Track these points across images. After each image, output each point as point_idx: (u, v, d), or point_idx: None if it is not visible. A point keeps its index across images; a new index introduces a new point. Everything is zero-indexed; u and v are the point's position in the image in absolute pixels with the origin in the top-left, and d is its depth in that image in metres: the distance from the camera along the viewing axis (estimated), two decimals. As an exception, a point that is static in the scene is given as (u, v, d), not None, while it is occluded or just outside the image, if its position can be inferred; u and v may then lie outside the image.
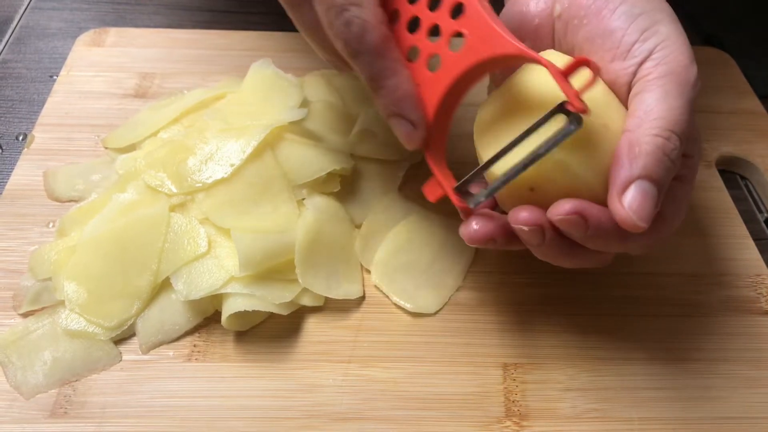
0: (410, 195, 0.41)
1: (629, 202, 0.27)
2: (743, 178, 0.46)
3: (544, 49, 0.32)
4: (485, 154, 0.31)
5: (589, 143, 0.28)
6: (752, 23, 0.59)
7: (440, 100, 0.30)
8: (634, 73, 0.29)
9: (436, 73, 0.30)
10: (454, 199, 0.31)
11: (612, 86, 0.30)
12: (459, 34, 0.30)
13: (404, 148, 0.42)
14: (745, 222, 0.41)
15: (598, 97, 0.29)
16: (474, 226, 0.30)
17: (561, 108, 0.27)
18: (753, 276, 0.39)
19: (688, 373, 0.34)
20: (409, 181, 0.42)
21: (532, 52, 0.27)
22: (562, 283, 0.38)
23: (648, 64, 0.29)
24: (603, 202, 0.28)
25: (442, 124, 0.32)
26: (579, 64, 0.27)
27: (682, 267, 0.39)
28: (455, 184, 0.31)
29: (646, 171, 0.27)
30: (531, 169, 0.28)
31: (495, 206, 0.33)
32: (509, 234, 0.30)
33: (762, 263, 0.39)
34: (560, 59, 0.30)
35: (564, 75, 0.27)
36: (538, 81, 0.30)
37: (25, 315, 0.35)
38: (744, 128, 0.47)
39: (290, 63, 0.47)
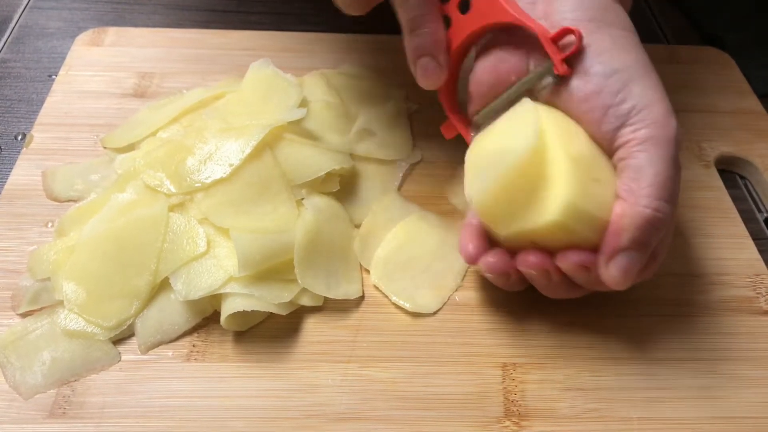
0: (409, 195, 0.41)
1: (614, 271, 0.30)
2: (742, 177, 0.46)
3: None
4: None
5: (583, 203, 0.30)
6: (752, 23, 0.59)
7: (452, 54, 0.36)
8: (613, 138, 0.31)
9: (448, 32, 0.36)
10: (465, 133, 0.37)
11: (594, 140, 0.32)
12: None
13: (404, 149, 0.43)
14: (745, 222, 0.41)
15: (584, 152, 0.31)
16: (491, 259, 0.33)
17: (548, 71, 0.32)
18: (752, 276, 0.39)
19: (687, 372, 0.34)
20: (408, 181, 0.42)
21: (526, 20, 0.32)
22: (562, 283, 0.38)
23: (626, 130, 0.30)
24: (598, 246, 0.31)
25: (453, 74, 0.37)
26: (565, 32, 0.31)
27: (681, 267, 0.39)
28: (466, 122, 0.37)
29: (634, 242, 0.29)
30: (532, 229, 0.31)
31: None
32: (521, 273, 0.33)
33: (761, 263, 0.39)
34: (544, 113, 0.32)
35: (553, 40, 0.31)
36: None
37: (24, 315, 0.35)
38: (743, 128, 0.47)
39: (289, 63, 0.47)
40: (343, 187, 0.40)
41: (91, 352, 0.33)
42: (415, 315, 0.36)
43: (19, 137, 0.45)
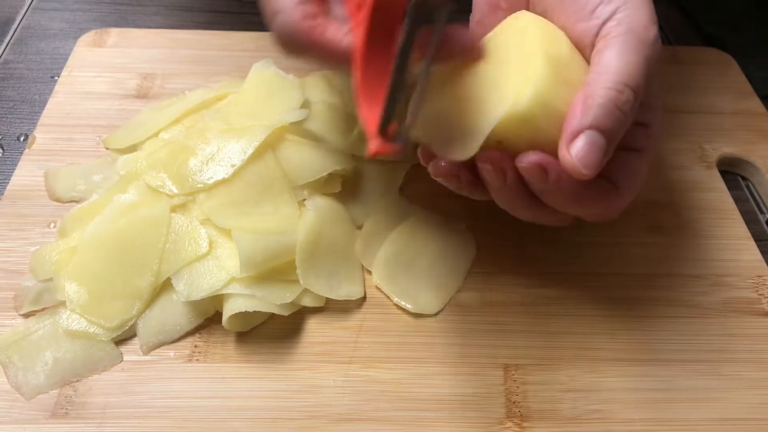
0: (411, 196, 0.41)
1: (576, 151, 0.28)
2: (744, 179, 0.46)
3: (519, 10, 0.34)
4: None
5: (552, 98, 0.29)
6: (753, 24, 0.59)
7: (365, 33, 0.29)
8: (597, 33, 0.31)
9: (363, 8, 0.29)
10: (378, 143, 0.28)
11: (577, 46, 0.32)
12: None
13: (406, 149, 0.43)
14: (747, 223, 0.41)
15: (562, 54, 0.31)
16: (441, 162, 0.32)
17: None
18: (754, 277, 0.39)
19: (689, 374, 0.34)
20: (410, 182, 0.42)
21: None
22: (564, 284, 0.38)
23: (609, 24, 0.30)
24: None
25: (375, 64, 0.29)
26: None
27: (683, 268, 0.39)
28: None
29: (596, 121, 0.28)
30: (497, 124, 0.29)
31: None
32: (473, 176, 0.32)
33: (764, 264, 0.39)
34: (533, 20, 0.32)
35: None
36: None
37: (27, 315, 0.35)
38: (745, 129, 0.47)
39: (291, 64, 0.47)
40: (345, 187, 0.40)
41: (94, 352, 0.33)
42: (417, 316, 0.36)
43: (22, 138, 0.45)
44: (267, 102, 0.41)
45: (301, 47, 0.32)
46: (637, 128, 0.31)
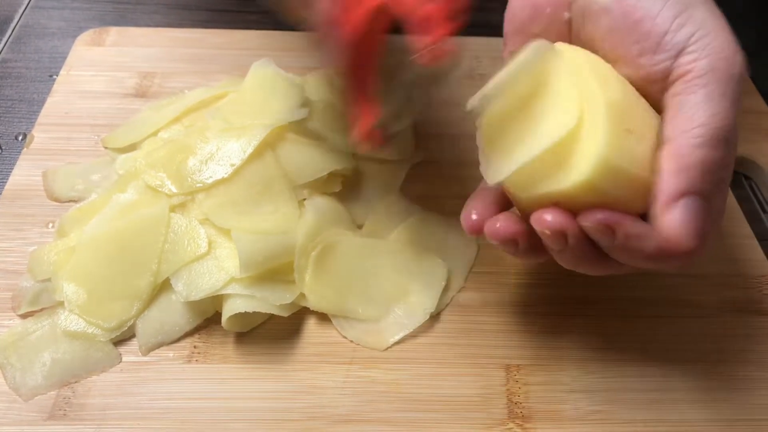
0: (412, 196, 0.41)
1: (678, 220, 0.25)
2: (747, 178, 0.45)
3: (556, 42, 0.30)
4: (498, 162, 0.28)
5: (617, 157, 0.26)
6: (756, 22, 0.58)
7: (361, 22, 0.30)
8: (669, 69, 0.27)
9: None
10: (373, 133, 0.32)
11: (643, 83, 0.28)
12: None
13: (406, 149, 0.42)
14: (750, 222, 0.41)
15: (617, 99, 0.27)
16: (498, 225, 0.28)
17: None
18: (758, 277, 0.38)
19: (692, 374, 0.34)
20: (411, 181, 0.42)
21: None
22: (566, 284, 0.37)
23: (685, 59, 0.26)
24: (628, 209, 0.26)
25: (362, 54, 0.31)
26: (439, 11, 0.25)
27: (686, 267, 0.39)
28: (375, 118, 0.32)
29: (694, 186, 0.25)
30: (557, 191, 0.26)
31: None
32: (533, 241, 0.28)
33: (767, 264, 0.39)
34: (571, 51, 0.29)
35: (423, 21, 0.25)
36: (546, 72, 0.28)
37: (24, 316, 0.35)
38: (748, 128, 0.47)
39: (291, 62, 0.47)
40: (345, 187, 0.40)
41: (92, 353, 0.33)
42: (418, 316, 0.36)
43: (20, 137, 0.45)
44: (267, 101, 0.41)
45: None
46: None
